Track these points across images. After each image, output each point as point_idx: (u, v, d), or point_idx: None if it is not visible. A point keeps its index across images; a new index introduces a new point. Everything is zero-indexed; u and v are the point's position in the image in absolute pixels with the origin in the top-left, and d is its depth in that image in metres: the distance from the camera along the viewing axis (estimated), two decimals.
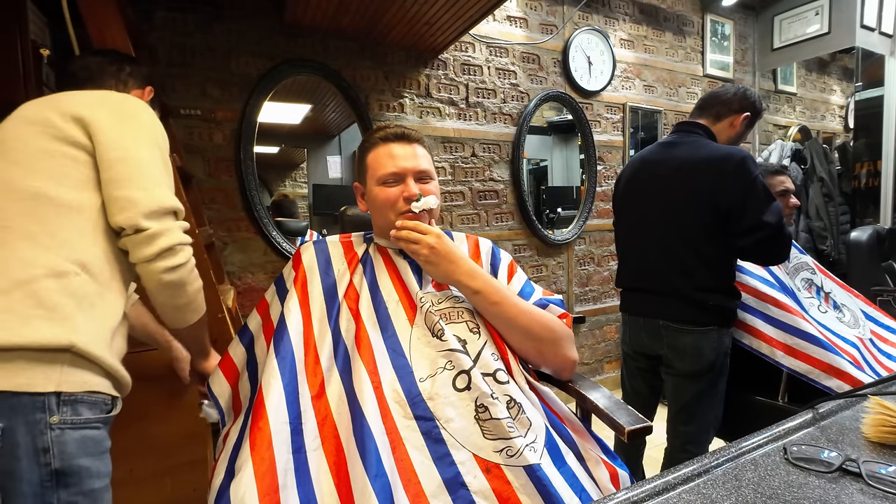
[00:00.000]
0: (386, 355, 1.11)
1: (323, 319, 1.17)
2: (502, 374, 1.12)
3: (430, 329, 1.14)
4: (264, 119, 2.60)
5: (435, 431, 1.00)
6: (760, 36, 4.74)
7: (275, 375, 1.05)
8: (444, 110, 3.11)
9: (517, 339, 1.22)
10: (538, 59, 3.50)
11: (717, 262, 1.84)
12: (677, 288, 1.89)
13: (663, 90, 4.16)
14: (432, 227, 1.26)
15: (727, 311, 1.87)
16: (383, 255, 1.33)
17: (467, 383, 1.05)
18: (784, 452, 0.75)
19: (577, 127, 3.72)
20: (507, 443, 0.98)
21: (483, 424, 1.01)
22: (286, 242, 2.63)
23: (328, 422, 1.02)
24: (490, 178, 3.32)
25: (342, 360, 1.11)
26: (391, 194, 1.27)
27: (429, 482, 0.94)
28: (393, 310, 1.19)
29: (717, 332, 1.84)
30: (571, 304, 3.79)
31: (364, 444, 0.94)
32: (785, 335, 1.84)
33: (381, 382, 1.05)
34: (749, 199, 1.73)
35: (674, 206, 1.90)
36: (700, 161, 1.84)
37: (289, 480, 0.94)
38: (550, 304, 1.32)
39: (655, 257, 1.96)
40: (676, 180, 1.89)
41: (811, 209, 4.31)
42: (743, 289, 1.95)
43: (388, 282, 1.26)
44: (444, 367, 1.08)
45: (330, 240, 1.37)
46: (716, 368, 1.86)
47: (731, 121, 1.97)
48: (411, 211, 1.25)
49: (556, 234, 3.69)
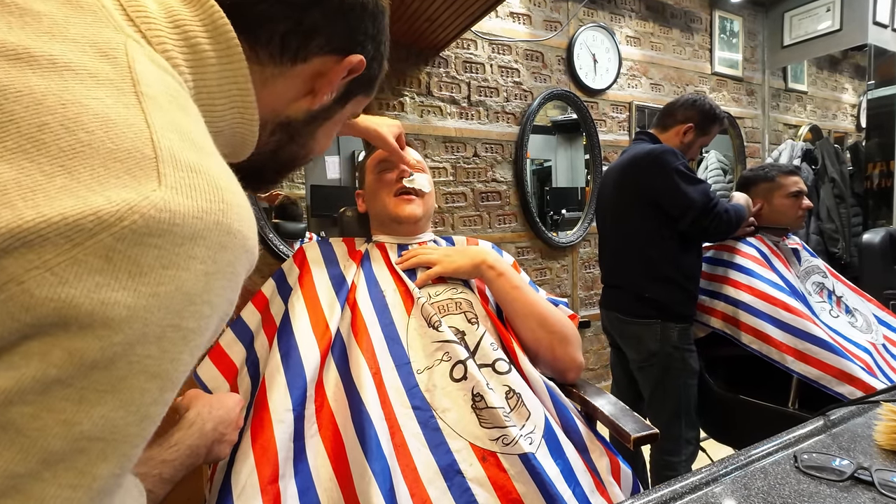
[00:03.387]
0: (384, 343, 1.14)
1: (333, 304, 1.20)
2: (502, 363, 1.15)
3: (427, 320, 1.17)
4: None
5: (432, 421, 1.04)
6: (770, 33, 4.74)
7: (278, 369, 1.06)
8: (445, 109, 3.11)
9: (532, 328, 1.27)
10: (542, 56, 3.50)
11: (657, 256, 2.03)
12: (621, 281, 2.19)
13: (670, 88, 4.16)
14: (425, 246, 1.41)
15: (667, 303, 2.01)
16: (381, 249, 1.38)
17: (464, 373, 1.08)
18: (794, 460, 0.75)
19: (582, 126, 3.72)
20: (503, 431, 1.01)
21: (479, 413, 1.04)
22: (283, 245, 2.63)
23: (325, 408, 1.04)
24: (492, 179, 3.32)
25: (338, 347, 1.13)
26: (384, 176, 1.40)
27: (425, 469, 0.97)
28: (391, 299, 1.23)
29: (660, 325, 2.03)
30: (576, 308, 3.78)
31: (363, 428, 0.96)
32: (795, 340, 1.84)
33: (380, 369, 1.08)
34: (668, 185, 1.94)
35: (614, 206, 2.20)
36: (627, 162, 2.09)
37: (287, 469, 0.96)
38: (559, 304, 1.37)
39: (609, 254, 2.29)
40: (615, 183, 2.17)
41: (822, 211, 4.30)
42: (751, 292, 1.96)
43: (386, 272, 1.30)
44: (441, 359, 1.12)
45: (333, 240, 1.43)
46: (660, 359, 2.02)
47: (676, 130, 2.14)
48: (404, 187, 1.37)
49: (561, 236, 3.69)
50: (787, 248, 2.22)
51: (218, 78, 0.56)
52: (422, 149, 2.99)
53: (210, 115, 0.56)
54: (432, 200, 1.48)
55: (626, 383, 2.33)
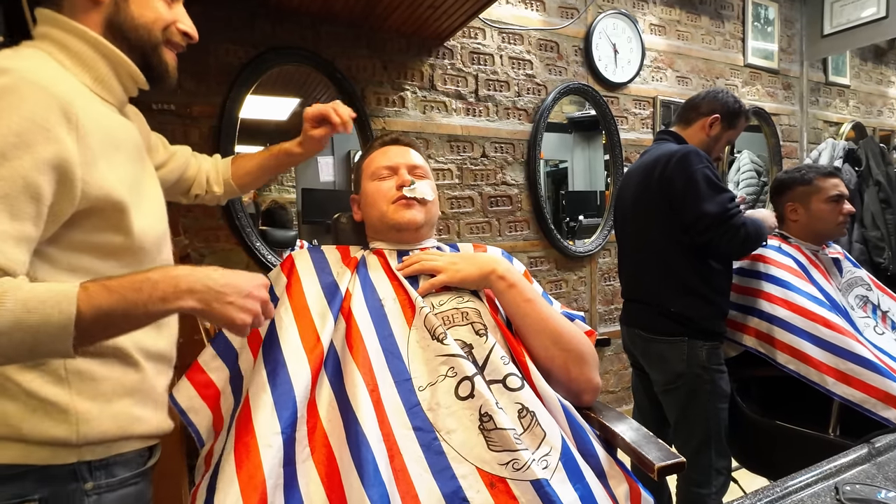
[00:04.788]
0: (382, 357, 1.14)
1: (325, 314, 1.20)
2: (515, 378, 1.14)
3: (431, 332, 1.17)
4: (247, 115, 2.61)
5: (435, 444, 1.03)
6: (809, 21, 4.75)
7: (264, 387, 1.06)
8: (450, 105, 3.12)
9: (544, 345, 1.26)
10: (557, 46, 3.52)
11: (682, 268, 2.02)
12: (644, 295, 2.18)
13: (699, 82, 4.17)
14: (428, 251, 1.39)
15: (695, 319, 2.00)
16: (379, 255, 1.38)
17: (470, 391, 1.08)
18: (836, 492, 0.76)
19: (602, 124, 3.73)
20: (514, 455, 1.01)
21: (488, 435, 1.04)
22: (272, 255, 2.63)
23: (318, 430, 1.04)
24: (502, 182, 3.33)
25: (332, 362, 1.13)
26: (383, 185, 1.40)
27: (428, 496, 0.97)
28: (390, 308, 1.23)
29: (687, 344, 1.99)
30: (595, 325, 3.78)
31: (359, 452, 0.96)
32: (836, 359, 1.84)
33: (378, 385, 1.08)
34: (689, 190, 1.94)
35: (635, 212, 2.19)
36: (651, 164, 2.07)
37: (277, 498, 0.95)
38: (575, 318, 1.36)
39: (630, 265, 2.29)
40: (637, 187, 2.16)
41: (866, 217, 4.29)
42: (788, 306, 1.96)
43: (385, 280, 1.30)
44: (446, 375, 1.11)
45: (325, 247, 1.43)
46: (687, 381, 2.00)
47: (701, 124, 2.15)
48: (404, 197, 1.36)
49: (578, 244, 3.70)
50: (827, 257, 2.23)
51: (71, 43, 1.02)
52: (425, 149, 3.01)
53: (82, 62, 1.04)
54: (436, 207, 1.47)
55: (650, 407, 2.32)
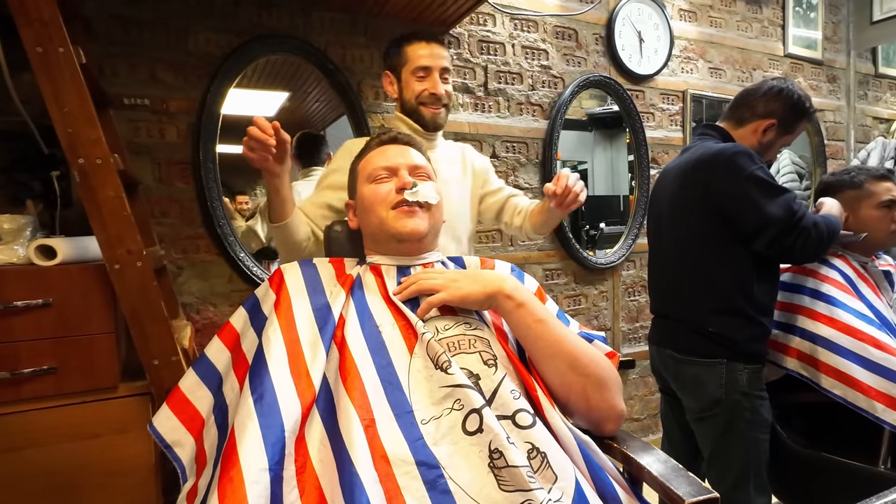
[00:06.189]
0: (380, 389, 1.13)
1: (316, 344, 1.19)
2: (525, 416, 1.12)
3: (434, 360, 1.16)
4: (229, 111, 2.61)
5: (441, 482, 1.01)
6: (857, 6, 4.76)
7: (250, 415, 1.06)
8: (457, 99, 3.13)
9: (559, 371, 1.24)
10: (575, 34, 3.53)
11: (724, 282, 1.98)
12: (678, 311, 2.14)
13: (733, 74, 4.18)
14: (427, 271, 1.37)
15: (736, 340, 1.96)
16: (376, 273, 1.37)
17: (479, 425, 1.06)
18: None
19: (625, 120, 3.74)
20: (527, 495, 0.99)
21: (498, 473, 1.02)
22: (257, 267, 2.64)
23: (307, 470, 1.03)
24: (515, 185, 3.31)
25: (324, 396, 1.13)
26: (381, 188, 1.39)
27: None
28: (388, 335, 1.22)
29: (726, 367, 1.96)
30: (618, 345, 3.78)
31: (353, 495, 0.94)
32: (887, 384, 1.83)
33: (375, 420, 1.07)
34: (745, 196, 1.87)
35: (671, 218, 2.14)
36: (692, 164, 2.02)
37: None
38: (594, 339, 1.35)
39: (663, 277, 2.25)
40: (675, 190, 2.11)
41: None
42: (832, 324, 1.95)
43: (382, 303, 1.29)
44: (452, 408, 1.10)
45: (318, 261, 1.42)
46: (725, 409, 1.97)
47: (753, 127, 2.07)
48: (405, 201, 1.35)
49: (599, 255, 3.71)
50: (877, 270, 2.21)
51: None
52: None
53: None
54: (441, 213, 1.46)
55: (681, 437, 2.30)
